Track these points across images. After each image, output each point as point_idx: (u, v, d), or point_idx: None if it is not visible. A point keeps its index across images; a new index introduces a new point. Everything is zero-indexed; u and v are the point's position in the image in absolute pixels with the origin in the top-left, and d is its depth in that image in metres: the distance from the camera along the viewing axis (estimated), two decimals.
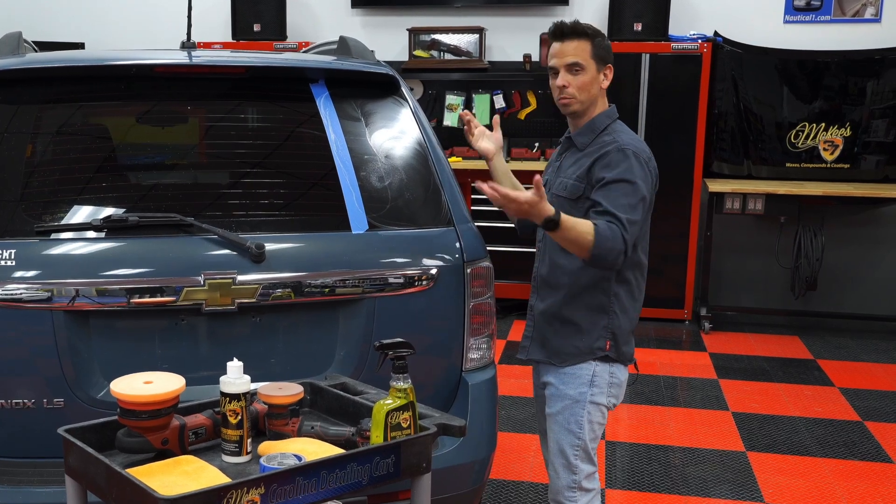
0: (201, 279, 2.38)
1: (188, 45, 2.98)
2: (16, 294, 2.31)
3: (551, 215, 2.33)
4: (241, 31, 6.72)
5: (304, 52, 4.07)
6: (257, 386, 2.00)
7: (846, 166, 6.20)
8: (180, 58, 2.80)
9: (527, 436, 4.32)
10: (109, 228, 2.44)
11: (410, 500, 1.92)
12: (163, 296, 2.37)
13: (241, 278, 2.41)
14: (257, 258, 2.42)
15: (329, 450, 1.85)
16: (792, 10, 6.38)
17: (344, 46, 3.27)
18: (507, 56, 6.72)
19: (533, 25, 6.61)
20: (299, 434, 1.96)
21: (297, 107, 2.81)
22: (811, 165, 6.24)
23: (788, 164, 6.26)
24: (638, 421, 4.54)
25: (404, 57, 6.67)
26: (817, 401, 4.90)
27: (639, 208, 2.48)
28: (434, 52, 6.69)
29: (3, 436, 2.38)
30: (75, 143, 2.66)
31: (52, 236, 2.42)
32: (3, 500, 2.29)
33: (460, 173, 5.55)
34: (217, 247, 2.44)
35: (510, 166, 2.89)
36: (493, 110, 6.61)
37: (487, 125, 2.85)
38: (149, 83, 2.74)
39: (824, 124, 6.18)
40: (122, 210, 2.48)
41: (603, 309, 2.60)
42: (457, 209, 2.69)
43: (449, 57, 6.67)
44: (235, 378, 1.87)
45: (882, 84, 6.08)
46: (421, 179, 2.73)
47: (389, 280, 2.54)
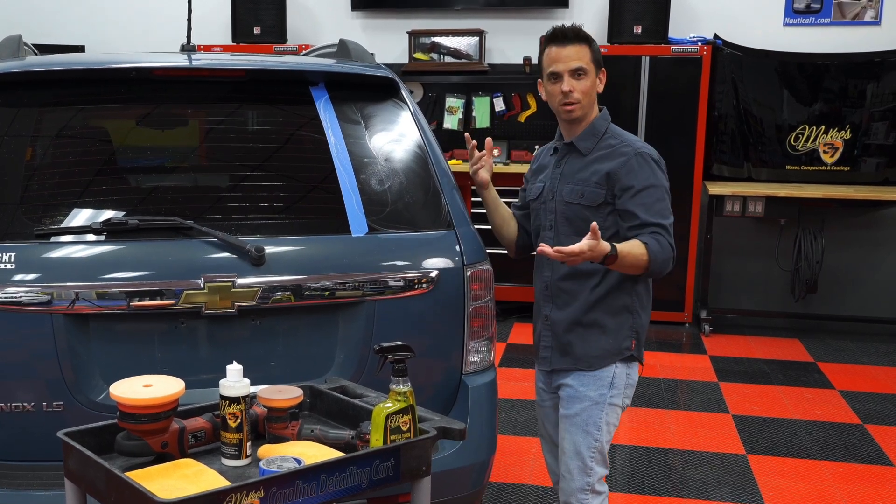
0: (201, 282, 2.38)
1: (188, 48, 2.98)
2: (16, 297, 2.31)
3: (608, 251, 2.40)
4: (241, 34, 6.73)
5: (304, 54, 4.07)
6: (257, 389, 2.00)
7: (846, 169, 6.20)
8: (180, 61, 2.80)
9: (527, 439, 4.31)
10: (109, 231, 2.44)
11: None
12: (162, 299, 2.37)
13: (241, 281, 2.41)
14: (257, 261, 2.42)
15: (329, 453, 1.85)
16: (792, 13, 6.39)
17: (344, 49, 3.28)
18: (507, 59, 6.72)
19: (533, 28, 6.62)
20: (299, 437, 1.96)
21: (297, 110, 2.81)
22: (811, 168, 6.24)
23: (788, 167, 6.27)
24: (638, 424, 4.54)
25: (404, 59, 6.67)
26: (817, 403, 4.90)
27: (670, 209, 2.58)
28: (434, 55, 6.70)
29: (3, 439, 2.38)
30: (75, 146, 2.66)
31: (52, 239, 2.42)
32: (3, 503, 2.29)
33: (460, 176, 5.56)
34: (217, 250, 2.44)
35: (510, 169, 2.90)
36: (493, 113, 6.61)
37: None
38: (149, 86, 2.74)
39: (824, 127, 6.18)
40: (122, 213, 2.48)
41: (627, 309, 2.63)
42: (457, 212, 2.69)
43: (449, 59, 6.68)
44: (235, 381, 1.87)
45: (882, 87, 6.08)
46: (421, 182, 2.73)
47: (389, 283, 2.54)
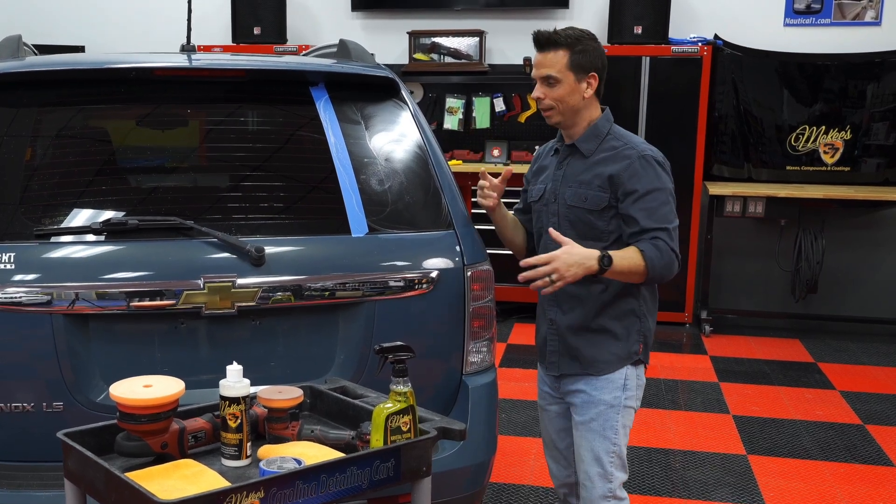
0: (201, 282, 2.38)
1: (188, 49, 2.98)
2: (15, 297, 2.31)
3: (601, 254, 2.37)
4: (241, 35, 6.73)
5: (305, 55, 4.07)
6: (257, 389, 2.00)
7: (846, 169, 6.20)
8: (180, 61, 2.79)
9: (527, 439, 4.31)
10: (109, 232, 2.43)
11: None
12: (162, 299, 2.37)
13: (241, 282, 2.41)
14: (257, 261, 2.42)
15: (329, 453, 1.85)
16: (792, 13, 6.39)
17: (344, 49, 3.27)
18: (508, 59, 6.71)
19: (533, 28, 6.54)
20: (299, 438, 1.96)
21: (297, 110, 2.80)
22: (811, 168, 6.24)
23: (789, 167, 6.27)
24: (638, 424, 4.52)
25: (404, 60, 6.67)
26: (818, 404, 4.89)
27: (674, 212, 2.53)
28: (434, 56, 6.70)
29: (3, 439, 2.37)
30: (75, 147, 2.66)
31: (52, 240, 2.42)
32: (3, 503, 2.29)
33: (460, 176, 5.56)
34: (217, 250, 2.44)
35: (510, 169, 2.84)
36: (493, 113, 6.61)
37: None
38: (149, 86, 2.74)
39: (824, 127, 6.18)
40: (122, 213, 2.48)
41: (634, 313, 2.60)
42: (457, 212, 2.69)
43: (449, 60, 6.68)
44: (235, 382, 1.87)
45: (882, 87, 6.08)
46: (421, 182, 2.73)
47: (389, 283, 2.53)
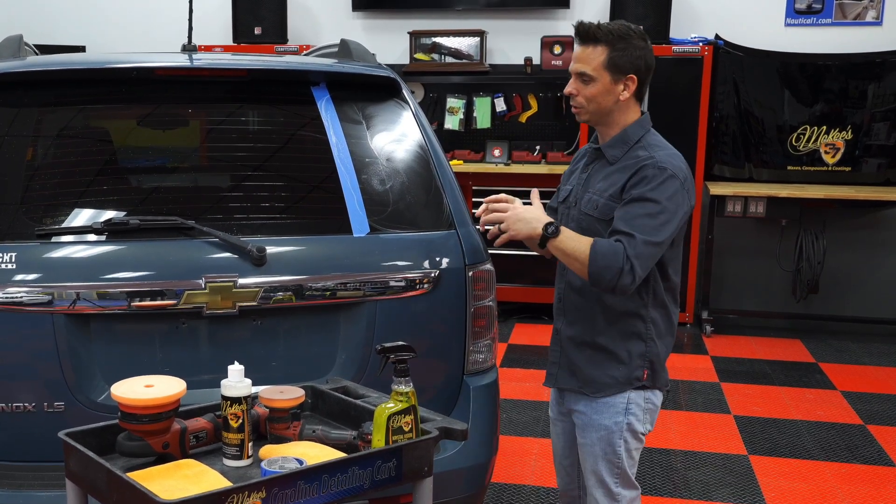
0: (202, 282, 2.38)
1: (189, 48, 2.98)
2: (16, 297, 2.31)
3: (546, 230, 2.24)
4: (241, 35, 6.72)
5: (306, 55, 4.07)
6: (258, 389, 1.99)
7: (847, 169, 6.19)
8: (181, 61, 2.79)
9: (528, 439, 4.31)
10: (110, 231, 2.43)
11: None
12: (164, 299, 2.37)
13: (242, 281, 2.41)
14: (258, 261, 2.42)
15: (330, 453, 1.85)
16: (793, 13, 6.38)
17: (345, 49, 3.27)
18: (508, 59, 6.71)
19: (534, 28, 6.61)
20: (300, 438, 1.96)
21: (299, 109, 2.80)
22: (812, 168, 6.23)
23: (790, 167, 6.26)
24: None
25: (405, 60, 6.66)
26: (819, 404, 4.89)
27: (663, 230, 2.26)
28: (435, 56, 6.69)
29: (4, 439, 2.37)
30: (76, 146, 2.66)
31: (53, 239, 2.41)
32: (4, 503, 2.28)
33: (461, 176, 5.55)
34: (218, 250, 2.43)
35: (511, 169, 2.75)
36: (493, 113, 6.60)
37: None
38: (150, 86, 2.74)
39: (825, 127, 6.17)
40: (123, 213, 2.48)
41: (640, 336, 2.41)
42: (458, 212, 2.68)
43: (450, 60, 6.67)
44: (236, 381, 1.86)
45: (883, 87, 6.07)
46: (422, 182, 2.72)
47: (391, 283, 2.53)
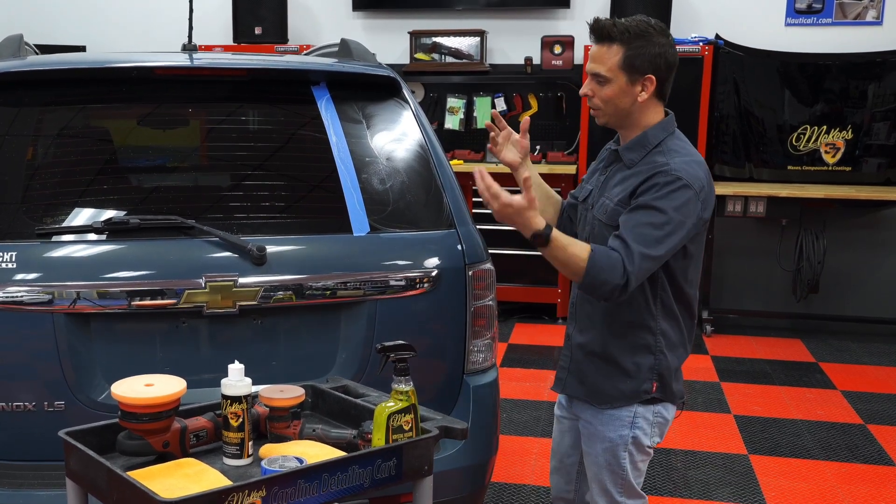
0: (202, 282, 2.38)
1: (189, 48, 2.98)
2: (17, 297, 2.31)
3: (540, 230, 2.08)
4: (242, 34, 6.72)
5: (306, 54, 4.07)
6: (259, 388, 1.99)
7: (848, 169, 6.19)
8: (181, 60, 2.79)
9: (528, 439, 4.31)
10: (110, 231, 2.43)
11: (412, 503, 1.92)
12: (164, 298, 2.37)
13: (243, 281, 2.41)
14: (258, 260, 2.42)
15: (331, 452, 1.85)
16: (793, 13, 6.38)
17: (345, 49, 3.28)
18: (509, 59, 6.71)
19: (534, 28, 6.61)
20: (301, 437, 1.96)
21: (299, 109, 2.80)
22: (813, 168, 6.23)
23: (790, 167, 6.26)
24: None
25: (405, 60, 6.66)
26: (819, 404, 4.89)
27: (664, 243, 2.15)
28: (435, 55, 6.69)
29: (4, 438, 2.37)
30: (76, 146, 2.66)
31: (53, 239, 2.41)
32: (5, 502, 2.29)
33: (461, 176, 5.54)
34: (218, 249, 2.43)
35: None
36: None
37: (485, 127, 2.74)
38: (150, 85, 2.74)
39: (826, 127, 6.17)
40: (123, 212, 2.48)
41: (649, 349, 2.33)
42: (458, 211, 2.68)
43: (450, 60, 6.67)
44: (237, 380, 1.87)
45: (883, 87, 6.07)
46: (422, 182, 2.72)
47: (391, 282, 2.53)
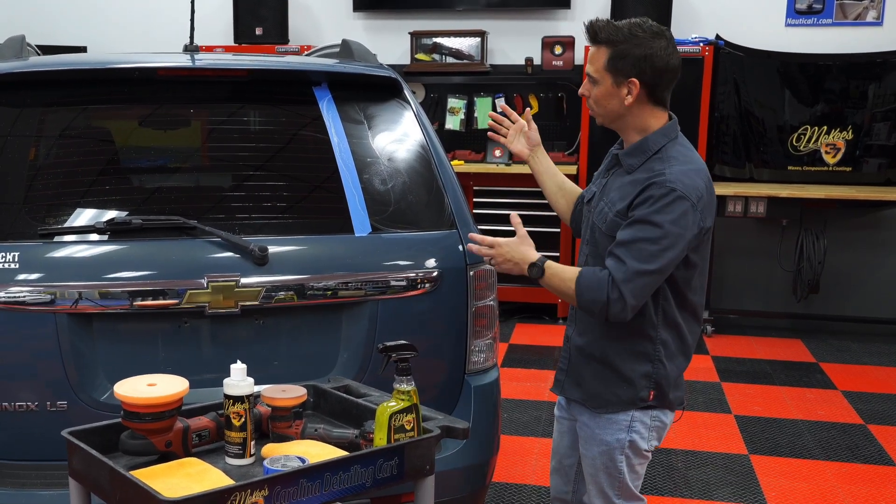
0: (204, 282, 2.38)
1: (191, 49, 2.98)
2: (19, 297, 2.31)
3: (534, 261, 2.14)
4: (243, 35, 6.73)
5: (307, 55, 4.08)
6: (261, 388, 2.00)
7: (848, 169, 6.19)
8: (183, 61, 2.80)
9: (529, 439, 4.31)
10: (112, 231, 2.44)
11: (414, 503, 1.92)
12: (166, 298, 2.37)
13: (245, 281, 2.41)
14: (260, 261, 2.42)
15: (332, 452, 1.85)
16: (794, 13, 6.38)
17: (346, 49, 3.28)
18: (509, 59, 6.72)
19: (534, 29, 6.61)
20: (303, 436, 1.96)
21: (300, 109, 2.81)
22: (813, 168, 6.23)
23: (790, 167, 6.26)
24: None
25: (406, 60, 6.67)
26: (820, 404, 4.89)
27: (660, 257, 2.14)
28: (436, 56, 6.70)
29: (7, 438, 2.38)
30: (78, 146, 2.66)
31: (56, 239, 2.42)
32: (7, 502, 2.29)
33: (462, 176, 5.55)
34: (220, 249, 2.44)
35: (511, 169, 2.70)
36: None
37: (488, 129, 2.73)
38: (151, 86, 2.74)
39: (826, 127, 6.17)
40: (126, 213, 2.48)
41: (647, 357, 2.31)
42: (459, 212, 2.69)
43: (451, 60, 6.68)
44: (239, 380, 1.87)
45: (884, 87, 6.08)
46: (424, 182, 2.73)
47: (392, 283, 2.54)
